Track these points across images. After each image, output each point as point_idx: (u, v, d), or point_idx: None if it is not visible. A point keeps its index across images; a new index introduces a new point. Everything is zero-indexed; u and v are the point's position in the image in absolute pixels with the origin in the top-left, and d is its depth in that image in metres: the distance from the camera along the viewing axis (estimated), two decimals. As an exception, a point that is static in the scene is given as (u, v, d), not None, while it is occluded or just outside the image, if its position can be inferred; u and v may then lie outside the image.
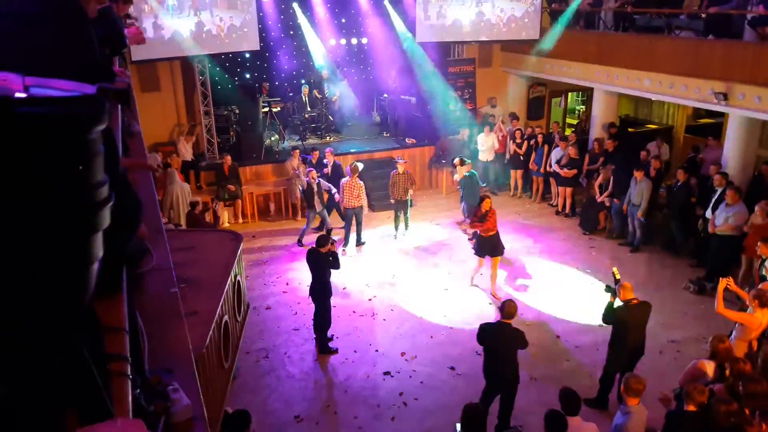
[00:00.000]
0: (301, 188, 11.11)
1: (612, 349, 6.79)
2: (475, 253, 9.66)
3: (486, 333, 6.28)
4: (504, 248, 9.61)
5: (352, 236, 11.36)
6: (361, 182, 11.13)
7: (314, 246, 8.03)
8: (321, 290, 8.03)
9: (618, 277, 6.88)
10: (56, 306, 0.98)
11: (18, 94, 0.91)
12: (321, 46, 14.84)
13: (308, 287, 8.28)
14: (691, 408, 4.68)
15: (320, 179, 11.18)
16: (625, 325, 6.58)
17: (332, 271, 8.09)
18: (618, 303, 6.64)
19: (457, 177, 11.73)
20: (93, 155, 0.98)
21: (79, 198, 0.95)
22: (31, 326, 0.96)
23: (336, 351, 8.16)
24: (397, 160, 12.04)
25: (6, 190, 0.87)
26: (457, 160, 11.74)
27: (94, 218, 0.98)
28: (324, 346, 8.18)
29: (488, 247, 9.40)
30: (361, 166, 11.32)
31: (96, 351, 1.18)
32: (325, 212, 11.28)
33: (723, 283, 6.46)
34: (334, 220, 11.62)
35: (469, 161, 11.84)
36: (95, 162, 0.99)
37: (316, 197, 10.99)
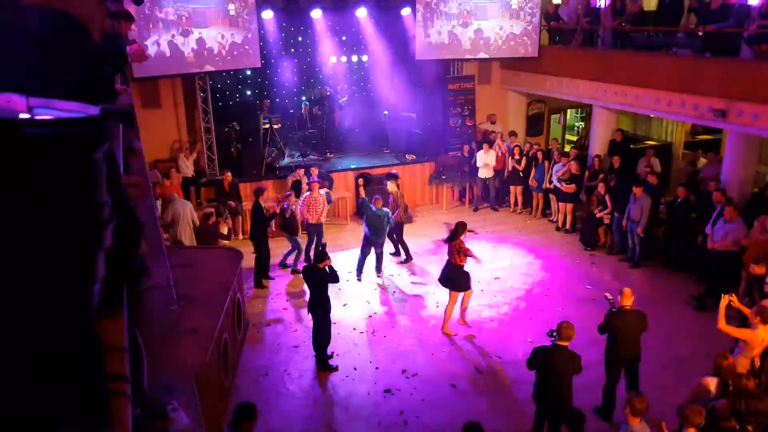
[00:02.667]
0: (284, 214, 10.68)
1: (607, 357, 6.86)
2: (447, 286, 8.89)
3: (540, 356, 6.05)
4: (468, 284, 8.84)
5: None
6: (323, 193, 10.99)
7: (311, 263, 8.04)
8: (320, 306, 7.99)
9: (611, 299, 6.87)
10: (57, 325, 0.98)
11: (22, 115, 0.92)
12: (321, 63, 14.94)
13: (307, 304, 8.26)
14: (691, 431, 4.66)
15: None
16: (619, 329, 6.64)
17: (331, 285, 8.09)
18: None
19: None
20: (96, 175, 0.99)
21: (81, 219, 0.96)
22: (32, 345, 0.96)
23: (336, 368, 8.11)
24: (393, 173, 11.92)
25: (9, 211, 0.88)
26: (361, 181, 11.22)
27: (96, 239, 0.98)
28: (324, 363, 8.14)
29: (462, 279, 8.74)
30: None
31: (96, 370, 1.18)
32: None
33: (725, 300, 6.47)
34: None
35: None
36: (98, 182, 0.99)
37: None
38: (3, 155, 0.87)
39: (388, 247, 11.34)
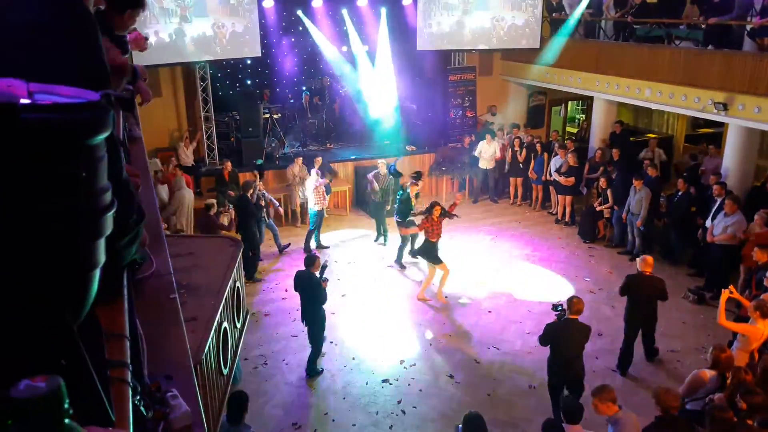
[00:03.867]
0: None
1: (626, 317, 7.64)
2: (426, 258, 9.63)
3: (554, 331, 6.39)
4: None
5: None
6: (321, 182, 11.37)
7: (304, 267, 7.47)
8: (314, 315, 7.58)
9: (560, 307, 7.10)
10: (59, 311, 0.98)
11: (23, 101, 0.92)
12: (322, 53, 14.88)
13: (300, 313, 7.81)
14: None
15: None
16: (637, 292, 7.42)
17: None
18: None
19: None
20: (96, 161, 0.98)
21: (82, 204, 0.95)
22: (34, 331, 0.96)
23: (321, 371, 7.84)
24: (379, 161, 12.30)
25: (10, 196, 0.87)
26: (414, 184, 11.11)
27: (97, 225, 0.98)
28: (312, 369, 7.77)
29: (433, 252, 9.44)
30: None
31: (96, 357, 1.18)
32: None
33: (725, 295, 6.49)
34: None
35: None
36: (98, 168, 0.99)
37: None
38: (3, 140, 0.86)
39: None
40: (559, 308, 6.55)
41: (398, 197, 10.86)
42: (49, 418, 0.84)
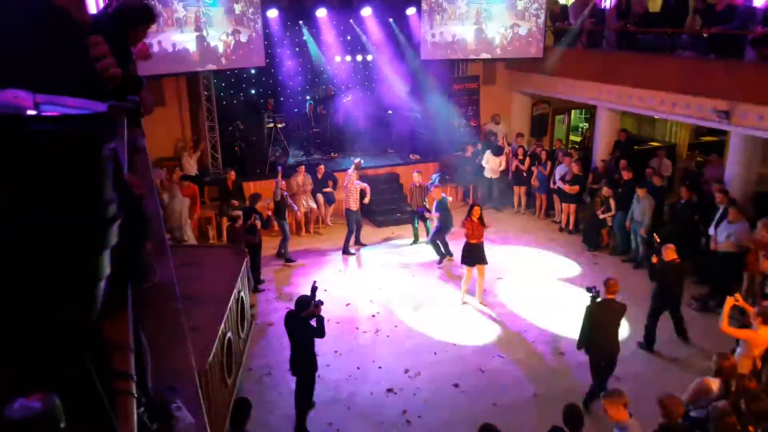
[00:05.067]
0: (274, 199, 11.30)
1: (654, 298, 8.30)
2: (462, 262, 9.79)
3: (595, 312, 6.93)
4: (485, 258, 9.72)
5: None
6: (359, 184, 11.78)
7: (294, 308, 6.74)
8: (305, 361, 6.80)
9: (658, 240, 8.63)
10: (64, 322, 0.98)
11: (29, 112, 0.92)
12: (325, 62, 14.94)
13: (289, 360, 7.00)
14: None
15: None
16: (664, 278, 8.12)
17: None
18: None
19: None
20: (102, 172, 0.98)
21: (88, 215, 0.95)
22: (39, 342, 0.96)
23: None
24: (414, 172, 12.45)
25: (16, 207, 0.87)
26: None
27: (102, 236, 0.98)
28: (300, 427, 6.91)
29: (475, 255, 9.58)
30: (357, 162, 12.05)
31: (101, 368, 1.18)
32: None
33: (730, 302, 6.48)
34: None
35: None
36: (104, 179, 0.99)
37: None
38: (10, 151, 0.86)
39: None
40: (593, 290, 7.01)
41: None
42: None
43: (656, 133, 15.59)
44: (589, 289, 7.08)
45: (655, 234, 9.20)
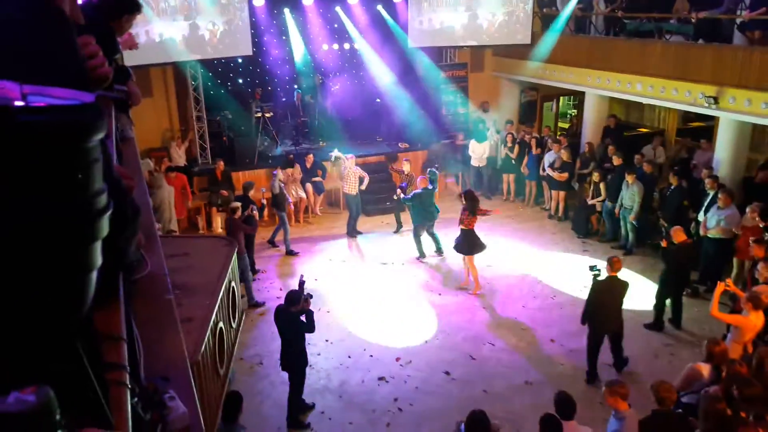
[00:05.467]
0: (272, 191, 11.30)
1: (662, 282, 8.59)
2: (458, 251, 9.80)
3: (601, 288, 7.20)
4: (483, 246, 9.72)
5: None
6: (357, 169, 12.00)
7: (283, 304, 6.74)
8: (295, 357, 6.78)
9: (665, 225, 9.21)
10: (56, 314, 0.97)
11: (17, 103, 0.91)
12: (313, 51, 14.85)
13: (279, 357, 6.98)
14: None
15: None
16: (676, 260, 8.34)
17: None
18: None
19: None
20: (92, 163, 0.97)
21: (78, 207, 0.94)
22: (31, 334, 0.95)
23: (313, 405, 7.18)
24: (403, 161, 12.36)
25: (5, 199, 0.87)
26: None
27: (93, 227, 0.97)
28: (296, 420, 6.92)
29: (466, 243, 9.60)
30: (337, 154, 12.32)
31: (94, 360, 1.17)
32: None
33: (720, 287, 6.55)
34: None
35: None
36: (94, 170, 0.98)
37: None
38: (-2, 143, 0.85)
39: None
40: (595, 269, 7.26)
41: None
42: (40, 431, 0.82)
43: (645, 119, 15.64)
44: (591, 268, 7.32)
45: (661, 219, 9.78)
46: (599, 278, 7.25)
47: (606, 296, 7.27)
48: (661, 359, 7.96)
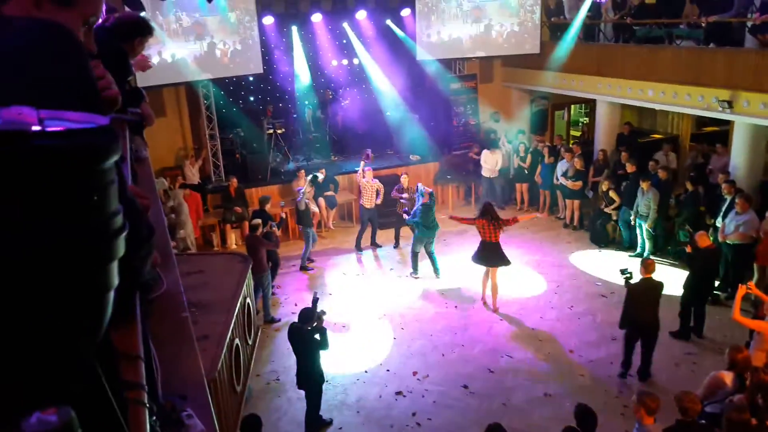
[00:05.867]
0: (297, 208, 11.24)
1: (687, 289, 8.44)
2: (483, 264, 9.54)
3: (638, 290, 7.35)
4: (506, 261, 9.44)
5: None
6: (375, 182, 11.89)
7: (297, 321, 6.74)
8: (311, 375, 6.74)
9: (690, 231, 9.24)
10: (75, 335, 0.98)
11: (34, 128, 0.92)
12: (322, 66, 14.96)
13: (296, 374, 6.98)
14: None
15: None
16: (701, 266, 8.33)
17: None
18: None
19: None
20: (107, 185, 0.98)
21: (94, 228, 0.95)
22: (51, 355, 0.96)
23: (331, 421, 7.16)
24: (401, 176, 12.19)
25: (22, 224, 0.88)
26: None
27: (109, 247, 0.98)
28: (315, 425, 6.94)
29: (487, 256, 9.38)
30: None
31: (112, 379, 1.18)
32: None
33: (742, 290, 6.43)
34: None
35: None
36: (109, 192, 0.99)
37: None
38: (15, 167, 0.87)
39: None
40: (627, 272, 7.42)
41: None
42: None
43: (658, 125, 15.56)
44: (622, 271, 7.47)
45: (687, 226, 9.85)
46: (631, 281, 7.38)
47: (642, 298, 7.39)
48: (683, 368, 7.84)
